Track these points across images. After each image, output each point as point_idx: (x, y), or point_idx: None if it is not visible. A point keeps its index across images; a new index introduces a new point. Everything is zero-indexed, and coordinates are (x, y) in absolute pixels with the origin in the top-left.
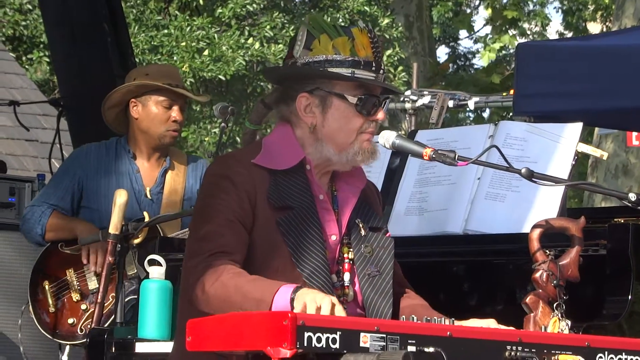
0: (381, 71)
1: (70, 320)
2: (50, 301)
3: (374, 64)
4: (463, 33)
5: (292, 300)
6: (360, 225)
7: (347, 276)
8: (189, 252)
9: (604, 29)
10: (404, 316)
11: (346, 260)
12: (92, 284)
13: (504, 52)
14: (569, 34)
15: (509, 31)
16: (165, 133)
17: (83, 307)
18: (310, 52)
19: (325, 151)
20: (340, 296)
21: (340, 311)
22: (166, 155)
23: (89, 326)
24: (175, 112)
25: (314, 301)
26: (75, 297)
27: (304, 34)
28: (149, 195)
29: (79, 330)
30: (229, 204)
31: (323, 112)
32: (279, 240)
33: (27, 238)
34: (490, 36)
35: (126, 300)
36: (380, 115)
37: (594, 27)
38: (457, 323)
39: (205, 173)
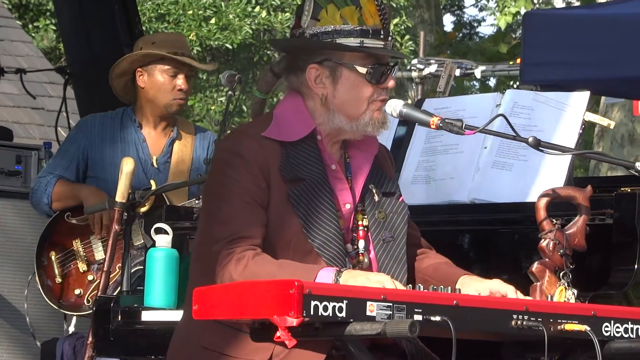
0: (389, 38)
1: (76, 291)
2: (56, 271)
3: (382, 32)
4: (468, 1)
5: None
6: (374, 191)
7: (361, 243)
8: (207, 236)
9: None
10: (414, 285)
11: (360, 228)
12: (99, 254)
13: (518, 17)
14: (576, 3)
15: None
16: (171, 102)
17: (90, 277)
18: (318, 23)
19: (337, 121)
20: (355, 265)
21: (400, 287)
22: (174, 124)
23: (95, 297)
24: (180, 81)
25: (369, 280)
26: (82, 267)
27: (310, 3)
28: (155, 164)
29: (85, 301)
30: (245, 184)
31: (333, 83)
32: (290, 212)
33: (37, 209)
34: (495, 4)
35: (133, 270)
36: (391, 82)
37: None
38: (478, 282)
39: (216, 148)
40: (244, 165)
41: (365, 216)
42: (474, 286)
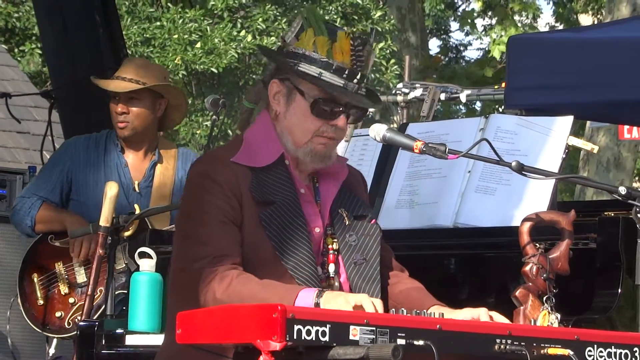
0: (355, 80)
1: (58, 314)
2: (38, 293)
3: (346, 71)
4: (454, 25)
5: (317, 305)
6: (344, 215)
7: (331, 267)
8: (185, 256)
9: (595, 22)
10: (393, 309)
11: (330, 252)
12: (81, 277)
13: None
14: (560, 26)
15: (506, 23)
16: (117, 125)
17: (71, 300)
18: (296, 42)
19: (287, 143)
20: (325, 287)
21: (380, 306)
22: (155, 147)
23: (76, 319)
24: (119, 106)
25: (348, 303)
26: (64, 290)
27: (299, 22)
28: (137, 189)
29: (66, 324)
30: (219, 204)
31: (287, 104)
32: (263, 234)
33: (18, 229)
34: (483, 29)
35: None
36: (340, 122)
37: (586, 20)
38: (448, 314)
39: (188, 172)
40: (216, 187)
41: (335, 239)
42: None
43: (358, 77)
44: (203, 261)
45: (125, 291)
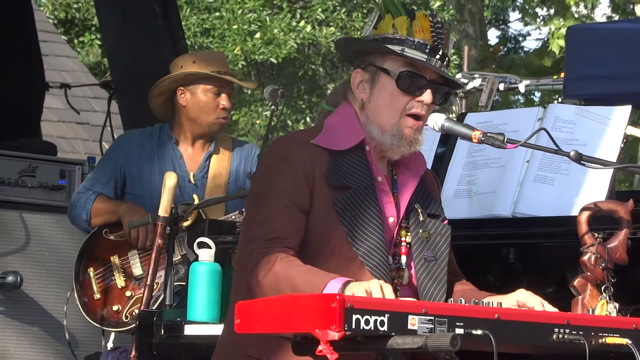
0: (437, 56)
1: (115, 307)
2: (95, 287)
3: (428, 47)
4: (513, 15)
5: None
6: (419, 211)
7: (403, 259)
8: (245, 236)
9: None
10: (451, 299)
11: (403, 244)
12: (137, 270)
13: None
14: (617, 17)
15: (565, 15)
16: (214, 121)
17: (128, 293)
18: (374, 31)
19: (372, 131)
20: (395, 278)
21: (389, 292)
22: (212, 139)
23: (134, 312)
24: (224, 100)
25: (365, 291)
26: (120, 283)
27: (376, 14)
28: (192, 181)
29: (124, 317)
30: (286, 187)
31: (371, 88)
32: (335, 220)
33: (75, 225)
34: (541, 19)
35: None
36: (426, 96)
37: None
38: (501, 298)
39: (264, 153)
40: (289, 169)
41: (409, 233)
42: (500, 300)
43: (440, 53)
44: (256, 242)
45: (183, 283)
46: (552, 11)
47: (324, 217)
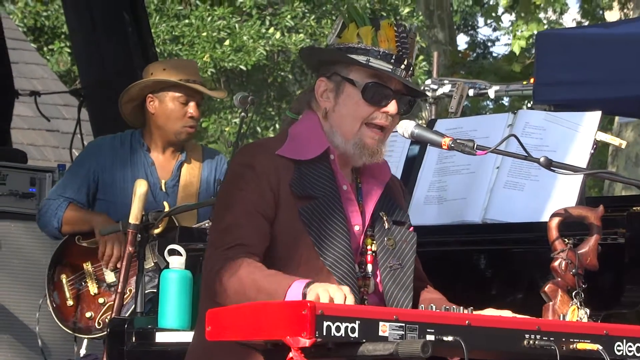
0: (402, 66)
1: (87, 314)
2: (67, 294)
3: (394, 57)
4: (482, 21)
5: (304, 294)
6: (384, 218)
7: (369, 267)
8: (210, 243)
9: (622, 17)
10: (422, 306)
11: (369, 252)
12: (110, 277)
13: (531, 40)
14: (586, 23)
15: (528, 18)
16: (181, 129)
17: (101, 300)
18: (338, 40)
19: (336, 140)
20: (361, 287)
21: (351, 302)
22: (182, 148)
23: (106, 319)
24: (191, 108)
25: (327, 291)
26: (93, 290)
27: (339, 22)
28: (163, 188)
29: (96, 324)
30: (250, 195)
31: (336, 97)
32: (302, 229)
33: (44, 231)
34: (510, 25)
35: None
36: (391, 107)
37: (612, 16)
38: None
39: (230, 162)
40: (253, 177)
41: (375, 241)
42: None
43: (405, 63)
44: (220, 249)
45: (155, 290)
46: (513, 15)
47: (290, 226)
